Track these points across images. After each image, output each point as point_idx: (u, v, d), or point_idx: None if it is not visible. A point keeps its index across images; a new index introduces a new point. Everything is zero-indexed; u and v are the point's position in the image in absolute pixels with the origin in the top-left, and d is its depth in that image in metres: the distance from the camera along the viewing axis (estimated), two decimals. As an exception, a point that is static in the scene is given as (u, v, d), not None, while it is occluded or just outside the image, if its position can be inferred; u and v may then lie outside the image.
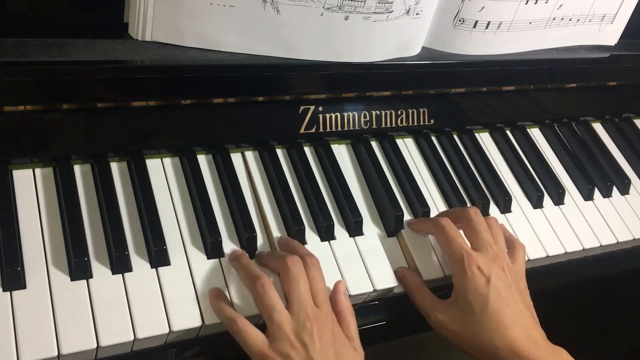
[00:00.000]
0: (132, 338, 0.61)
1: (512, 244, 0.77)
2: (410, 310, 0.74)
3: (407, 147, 0.89)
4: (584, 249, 0.86)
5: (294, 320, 0.62)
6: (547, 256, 0.84)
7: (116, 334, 0.60)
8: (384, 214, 0.79)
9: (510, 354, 0.66)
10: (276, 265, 0.67)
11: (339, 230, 0.76)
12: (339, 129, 0.83)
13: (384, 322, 0.75)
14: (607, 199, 0.94)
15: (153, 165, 0.74)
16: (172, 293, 0.64)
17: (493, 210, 0.86)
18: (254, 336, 0.62)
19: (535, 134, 1.00)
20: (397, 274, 0.75)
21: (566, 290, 0.92)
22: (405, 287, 0.74)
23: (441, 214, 0.80)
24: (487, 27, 0.85)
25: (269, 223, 0.74)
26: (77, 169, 0.71)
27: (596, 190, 0.94)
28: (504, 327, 0.67)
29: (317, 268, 0.67)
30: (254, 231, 0.71)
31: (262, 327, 0.63)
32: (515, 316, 0.68)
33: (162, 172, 0.74)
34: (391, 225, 0.78)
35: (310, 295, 0.64)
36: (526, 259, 0.81)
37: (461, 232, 0.75)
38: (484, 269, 0.69)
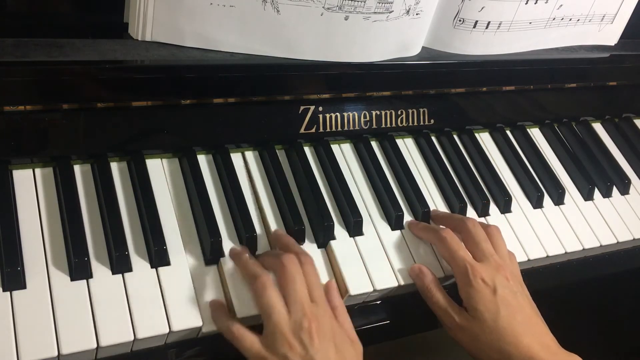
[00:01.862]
0: (132, 338, 0.61)
1: None
2: (411, 310, 0.74)
3: (407, 147, 0.89)
4: (584, 249, 0.86)
5: (292, 319, 0.62)
6: (547, 256, 0.83)
7: (116, 334, 0.60)
8: (384, 214, 0.79)
9: None
10: (272, 263, 0.67)
11: (339, 230, 0.76)
12: (339, 129, 0.83)
13: (384, 322, 0.75)
14: (607, 199, 0.94)
15: (153, 165, 0.74)
16: (172, 293, 0.64)
17: (493, 210, 0.86)
18: (251, 340, 0.62)
19: (535, 134, 1.00)
20: (413, 270, 0.74)
21: (566, 290, 0.92)
22: (420, 286, 0.74)
23: (440, 219, 0.80)
24: (487, 27, 0.85)
25: (269, 223, 0.74)
26: (77, 169, 0.71)
27: (596, 190, 0.94)
28: (517, 335, 0.68)
29: (311, 264, 0.67)
30: (254, 231, 0.71)
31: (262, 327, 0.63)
32: (525, 323, 0.69)
33: (162, 172, 0.74)
34: (391, 226, 0.78)
35: (306, 293, 0.64)
36: (526, 259, 0.82)
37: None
38: (488, 280, 0.70)
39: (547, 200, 0.90)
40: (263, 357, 0.61)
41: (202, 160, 0.77)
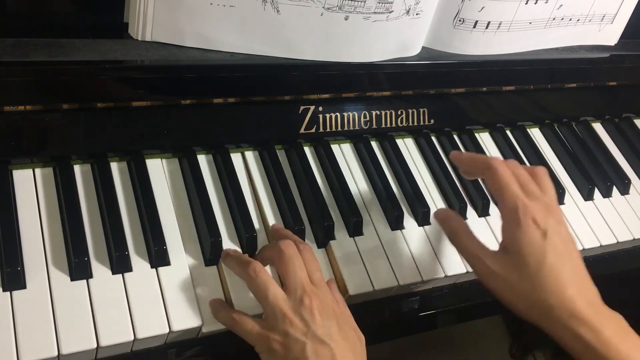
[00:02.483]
0: (132, 338, 0.61)
1: None
2: (411, 310, 0.74)
3: (407, 147, 0.89)
4: (584, 249, 0.86)
5: (291, 298, 0.61)
6: (547, 256, 0.83)
7: (116, 334, 0.60)
8: (384, 214, 0.79)
9: (567, 314, 0.61)
10: (270, 253, 0.67)
11: (339, 230, 0.76)
12: (339, 129, 0.83)
13: (384, 322, 0.75)
14: (607, 199, 0.94)
15: (153, 165, 0.74)
16: (172, 293, 0.64)
17: (493, 210, 0.86)
18: (252, 323, 0.61)
19: (535, 134, 1.00)
20: (439, 215, 0.71)
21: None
22: (447, 230, 0.70)
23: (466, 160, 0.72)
24: (487, 27, 0.85)
25: (269, 223, 0.74)
26: (77, 169, 0.71)
27: (596, 190, 0.94)
28: (562, 285, 0.61)
29: (309, 251, 0.67)
30: (254, 231, 0.71)
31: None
32: (573, 274, 0.63)
33: (162, 172, 0.74)
34: (391, 225, 0.78)
35: (306, 274, 0.64)
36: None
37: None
38: (540, 221, 0.63)
39: (547, 200, 0.90)
40: (264, 336, 0.60)
41: (202, 160, 0.77)
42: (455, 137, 0.92)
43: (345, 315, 0.65)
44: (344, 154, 0.84)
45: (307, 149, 0.83)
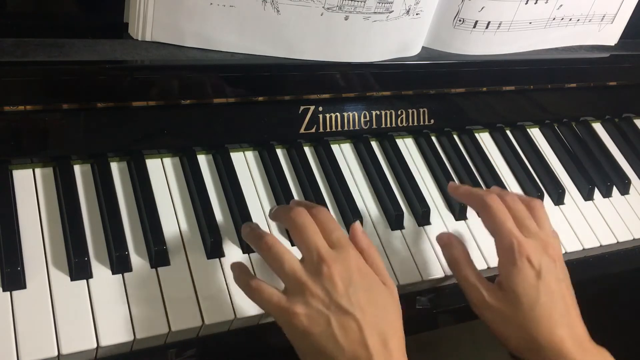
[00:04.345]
0: (132, 338, 0.61)
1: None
2: (413, 310, 0.74)
3: (407, 147, 0.89)
4: (584, 249, 0.86)
5: (308, 267, 0.58)
6: (547, 256, 0.83)
7: (116, 334, 0.60)
8: (384, 214, 0.79)
9: (556, 354, 0.62)
10: (282, 219, 0.64)
11: (339, 230, 0.76)
12: (339, 129, 0.83)
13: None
14: (607, 199, 0.94)
15: (153, 165, 0.74)
16: (172, 293, 0.64)
17: (493, 210, 0.85)
18: (270, 292, 0.58)
19: (535, 134, 1.00)
20: (441, 239, 0.71)
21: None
22: (448, 257, 0.70)
23: (467, 195, 0.73)
24: (487, 27, 0.85)
25: (269, 223, 0.74)
26: (77, 169, 0.71)
27: (596, 190, 0.94)
28: (552, 326, 0.63)
29: (324, 212, 0.63)
30: (254, 231, 0.71)
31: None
32: (564, 314, 0.64)
33: (162, 172, 0.74)
34: (391, 225, 0.78)
35: (321, 238, 0.60)
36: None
37: None
38: (534, 261, 0.64)
39: (547, 200, 0.90)
40: (283, 307, 0.57)
41: (202, 160, 0.77)
42: (455, 137, 0.92)
43: (372, 272, 0.61)
44: (344, 154, 0.84)
45: (307, 149, 0.83)
